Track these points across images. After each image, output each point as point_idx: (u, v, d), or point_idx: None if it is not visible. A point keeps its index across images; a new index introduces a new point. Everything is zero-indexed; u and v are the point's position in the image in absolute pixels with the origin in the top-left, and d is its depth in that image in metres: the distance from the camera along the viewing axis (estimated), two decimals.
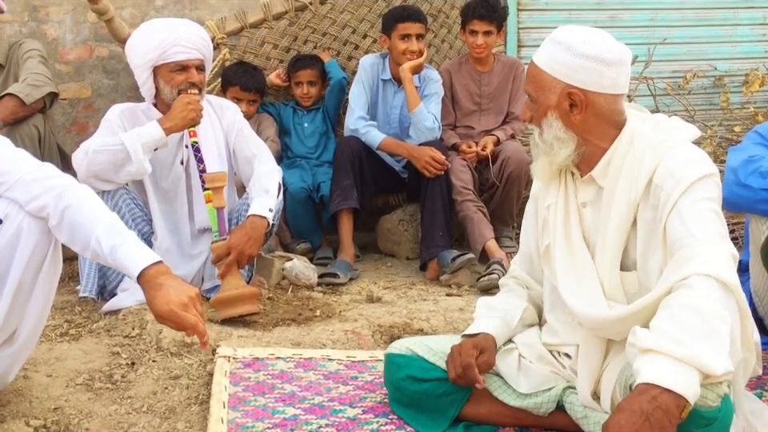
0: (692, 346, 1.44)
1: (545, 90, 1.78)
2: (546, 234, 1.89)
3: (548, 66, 1.77)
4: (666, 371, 1.42)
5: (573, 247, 1.82)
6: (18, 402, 2.06)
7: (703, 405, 1.48)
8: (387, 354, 2.02)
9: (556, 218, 1.86)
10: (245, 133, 3.07)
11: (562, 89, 1.76)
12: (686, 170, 1.69)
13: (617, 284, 1.76)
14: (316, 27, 3.89)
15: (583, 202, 1.84)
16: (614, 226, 1.75)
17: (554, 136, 1.78)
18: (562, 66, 1.75)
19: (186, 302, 1.77)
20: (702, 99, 4.64)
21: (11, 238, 1.82)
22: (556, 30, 1.81)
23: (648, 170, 1.72)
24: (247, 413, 1.98)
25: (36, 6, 3.74)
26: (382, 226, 3.76)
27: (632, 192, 1.74)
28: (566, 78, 1.75)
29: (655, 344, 1.46)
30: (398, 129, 3.66)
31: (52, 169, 1.92)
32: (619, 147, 1.77)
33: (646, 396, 1.40)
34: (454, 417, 1.93)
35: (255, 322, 2.70)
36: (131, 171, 2.76)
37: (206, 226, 2.93)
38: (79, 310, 2.78)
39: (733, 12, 4.67)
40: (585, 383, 1.77)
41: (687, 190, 1.67)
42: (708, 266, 1.56)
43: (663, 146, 1.74)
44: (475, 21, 3.59)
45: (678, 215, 1.66)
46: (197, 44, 2.87)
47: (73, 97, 3.83)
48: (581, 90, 1.75)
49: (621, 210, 1.75)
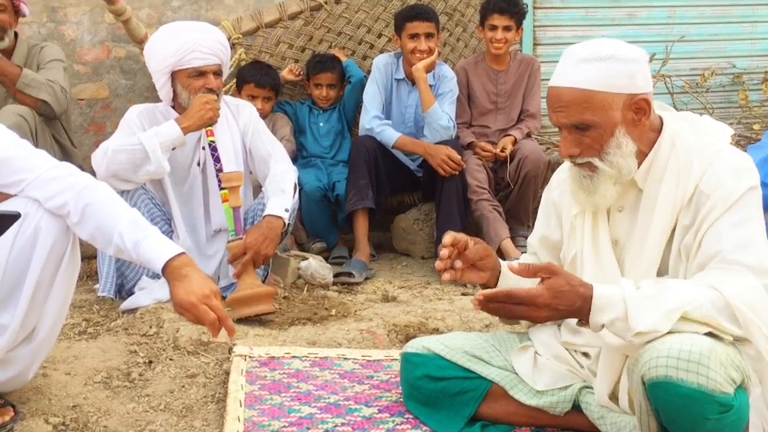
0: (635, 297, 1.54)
1: (606, 110, 1.66)
2: (572, 243, 1.85)
3: (599, 84, 1.66)
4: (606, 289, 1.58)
5: (600, 257, 1.78)
6: (37, 399, 2.08)
7: (714, 388, 1.47)
8: (404, 353, 2.02)
9: (584, 227, 1.81)
10: (261, 132, 3.07)
11: (625, 100, 1.67)
12: (733, 181, 1.65)
13: None
14: (331, 27, 3.89)
15: (620, 206, 1.77)
16: (657, 231, 1.70)
17: (623, 154, 1.68)
18: (614, 77, 1.65)
19: (208, 293, 1.77)
20: (720, 97, 4.60)
21: (30, 236, 1.84)
22: (572, 51, 1.71)
23: (697, 175, 1.67)
24: (263, 411, 1.99)
25: (54, 7, 3.78)
26: (397, 226, 3.76)
27: (678, 197, 1.68)
28: (625, 88, 1.66)
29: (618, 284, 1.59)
30: (413, 128, 3.66)
31: (71, 167, 1.93)
32: (660, 150, 1.72)
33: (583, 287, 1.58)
34: (469, 416, 1.92)
35: (271, 321, 2.71)
36: (150, 170, 2.78)
37: (221, 227, 2.94)
38: (97, 309, 2.80)
39: (751, 9, 4.62)
40: (603, 384, 1.76)
41: (732, 207, 1.63)
42: (722, 284, 1.55)
43: (709, 150, 1.69)
44: (495, 15, 3.57)
45: (717, 234, 1.62)
46: (215, 49, 2.88)
47: (90, 97, 3.86)
48: (641, 93, 1.68)
49: (665, 215, 1.69)
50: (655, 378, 1.51)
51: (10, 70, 3.14)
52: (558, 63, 1.73)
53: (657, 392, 1.52)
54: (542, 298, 1.57)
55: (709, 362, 1.47)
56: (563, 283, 1.57)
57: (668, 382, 1.49)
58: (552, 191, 1.96)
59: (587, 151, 1.70)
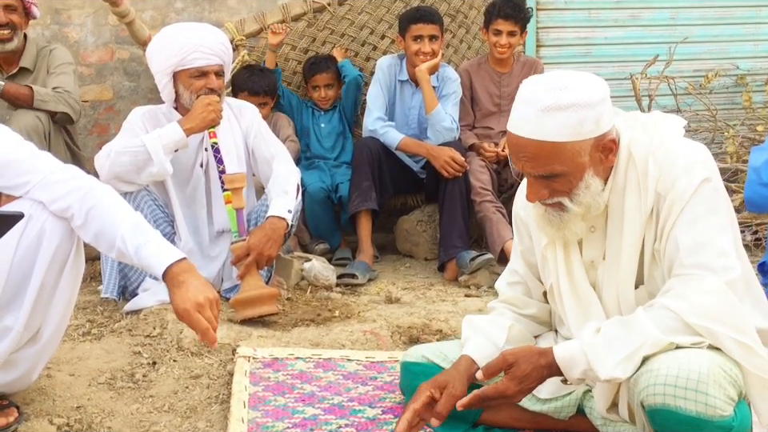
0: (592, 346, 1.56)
1: (575, 158, 1.61)
2: (546, 273, 1.83)
3: (566, 134, 1.59)
4: (566, 347, 1.60)
5: (576, 286, 1.76)
6: (42, 400, 2.09)
7: (713, 414, 1.46)
8: (403, 363, 2.02)
9: (556, 257, 1.78)
10: (263, 134, 3.08)
11: (593, 144, 1.62)
12: (685, 178, 1.62)
13: (632, 302, 1.69)
14: (334, 28, 3.90)
15: (592, 227, 1.73)
16: (628, 244, 1.68)
17: (592, 193, 1.65)
18: (580, 125, 1.59)
19: (203, 302, 1.77)
20: (723, 98, 4.59)
21: (34, 238, 1.85)
22: (531, 97, 1.61)
23: (654, 179, 1.65)
24: (267, 412, 1.99)
25: (58, 9, 3.79)
26: (400, 227, 3.76)
27: (642, 206, 1.66)
28: (591, 133, 1.61)
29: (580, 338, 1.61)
30: (416, 129, 3.66)
31: (75, 170, 1.94)
32: (619, 164, 1.69)
33: (544, 357, 1.61)
34: (473, 422, 1.92)
35: (274, 322, 2.72)
36: (153, 172, 2.79)
37: (224, 228, 2.94)
38: (101, 310, 2.80)
39: (755, 10, 4.61)
40: (601, 398, 1.73)
41: (686, 205, 1.61)
42: (676, 300, 1.55)
43: (661, 150, 1.66)
44: (500, 20, 3.57)
45: (675, 238, 1.61)
46: (216, 50, 2.88)
47: (94, 99, 3.87)
48: (606, 133, 1.64)
49: (634, 228, 1.67)
50: (653, 405, 1.50)
51: (22, 92, 3.18)
52: (517, 107, 1.65)
53: (656, 418, 1.52)
54: (510, 389, 1.62)
55: (707, 388, 1.46)
56: (524, 368, 1.60)
57: (666, 409, 1.49)
58: (519, 210, 1.91)
59: (556, 194, 1.67)
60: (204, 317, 1.77)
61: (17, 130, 2.56)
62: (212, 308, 1.79)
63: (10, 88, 3.17)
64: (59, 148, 3.26)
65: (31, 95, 3.18)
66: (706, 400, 1.46)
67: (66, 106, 3.24)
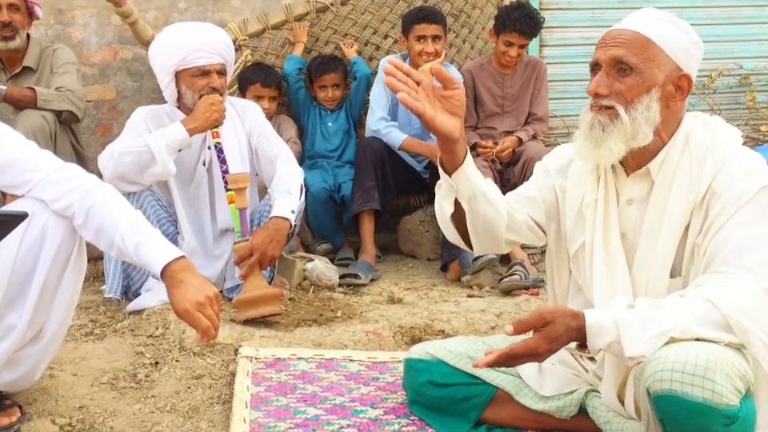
0: (626, 320, 1.54)
1: (655, 64, 1.65)
2: (578, 233, 1.80)
3: (661, 40, 1.65)
4: (598, 315, 1.57)
5: (610, 250, 1.74)
6: (44, 400, 2.09)
7: (719, 402, 1.46)
8: (407, 359, 2.01)
9: (595, 218, 1.76)
10: (267, 133, 3.08)
11: (674, 69, 1.66)
12: (744, 182, 1.63)
13: (663, 291, 1.68)
14: (337, 28, 3.90)
15: (629, 199, 1.74)
16: (669, 226, 1.67)
17: (646, 118, 1.65)
18: (676, 45, 1.65)
19: (203, 300, 1.76)
20: (727, 98, 4.58)
21: (37, 237, 1.85)
22: (651, 9, 1.71)
23: (710, 173, 1.66)
24: (269, 413, 1.99)
25: (61, 9, 3.79)
26: (402, 227, 3.76)
27: (691, 194, 1.66)
28: (678, 59, 1.66)
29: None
30: (419, 130, 3.65)
31: (76, 168, 1.94)
32: (676, 144, 1.71)
33: (576, 319, 1.57)
34: (475, 420, 1.92)
35: (277, 322, 2.72)
36: (156, 172, 2.79)
37: (228, 227, 2.94)
38: (104, 310, 2.81)
39: (759, 10, 4.61)
40: (610, 386, 1.74)
41: (741, 209, 1.61)
42: (716, 293, 1.54)
43: (721, 149, 1.68)
44: (515, 34, 3.53)
45: (724, 236, 1.61)
46: (219, 49, 2.89)
47: (97, 99, 3.87)
48: (688, 75, 1.67)
49: (678, 211, 1.67)
50: (660, 392, 1.50)
51: (25, 94, 3.20)
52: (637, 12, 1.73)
53: (662, 404, 1.51)
54: (541, 348, 1.60)
55: (714, 375, 1.46)
56: (558, 328, 1.58)
57: (672, 395, 1.48)
58: (549, 163, 1.91)
59: (616, 97, 1.67)
60: (205, 315, 1.76)
61: (22, 130, 2.58)
62: (212, 305, 1.79)
63: (13, 91, 3.19)
64: (65, 148, 3.28)
65: (34, 97, 3.19)
66: (713, 387, 1.46)
67: (70, 105, 3.25)
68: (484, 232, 1.81)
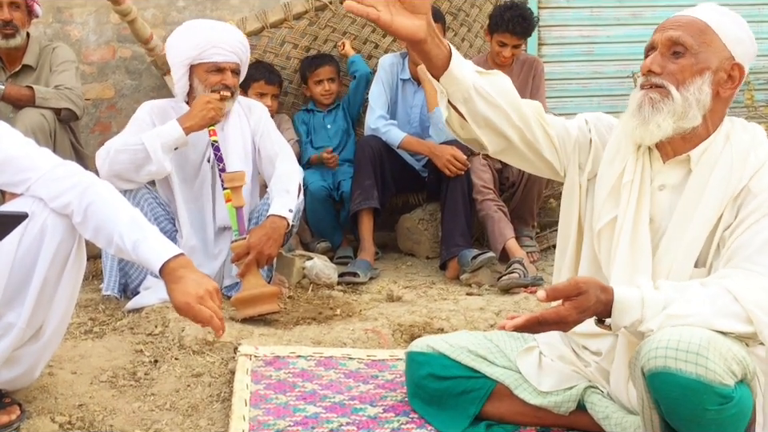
0: (653, 300, 1.55)
1: (711, 48, 1.69)
2: (609, 207, 1.78)
3: (719, 27, 1.69)
4: (627, 292, 1.58)
5: (637, 232, 1.73)
6: (44, 398, 2.09)
7: (713, 378, 1.47)
8: (408, 353, 2.02)
9: (630, 197, 1.76)
10: (270, 132, 3.09)
11: (727, 57, 1.69)
12: None
13: (685, 279, 1.67)
14: (336, 26, 3.89)
15: (662, 185, 1.74)
16: (702, 217, 1.68)
17: (697, 100, 1.68)
18: (732, 35, 1.69)
19: (203, 294, 1.77)
20: None
21: (36, 235, 1.85)
22: (713, 4, 1.74)
23: (751, 170, 1.67)
24: (269, 410, 1.99)
25: (60, 8, 3.79)
26: (401, 226, 3.76)
27: (729, 188, 1.67)
28: (733, 49, 1.69)
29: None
30: (418, 128, 3.66)
31: (75, 166, 1.94)
32: (718, 137, 1.72)
33: (605, 293, 1.57)
34: (474, 415, 1.92)
35: (276, 320, 2.72)
36: (152, 171, 2.79)
37: (226, 225, 2.95)
38: (103, 308, 2.81)
39: (757, 8, 4.61)
40: (621, 371, 1.73)
41: None
42: (738, 286, 1.54)
43: (763, 149, 1.70)
44: (507, 35, 3.52)
45: (752, 234, 1.62)
46: (236, 48, 2.90)
47: (96, 97, 3.87)
48: (741, 65, 1.70)
49: (714, 203, 1.67)
50: (654, 369, 1.51)
51: (23, 93, 3.21)
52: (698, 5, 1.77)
53: (656, 383, 1.52)
54: (571, 316, 1.59)
55: (708, 353, 1.47)
56: (590, 299, 1.57)
57: (667, 372, 1.49)
58: (591, 123, 1.87)
59: (668, 77, 1.70)
60: (207, 307, 1.77)
61: (22, 128, 2.58)
62: (213, 298, 1.79)
63: (11, 90, 3.19)
64: (64, 146, 3.28)
65: (32, 95, 3.19)
66: (706, 363, 1.47)
67: (69, 102, 3.25)
68: (491, 131, 1.79)
